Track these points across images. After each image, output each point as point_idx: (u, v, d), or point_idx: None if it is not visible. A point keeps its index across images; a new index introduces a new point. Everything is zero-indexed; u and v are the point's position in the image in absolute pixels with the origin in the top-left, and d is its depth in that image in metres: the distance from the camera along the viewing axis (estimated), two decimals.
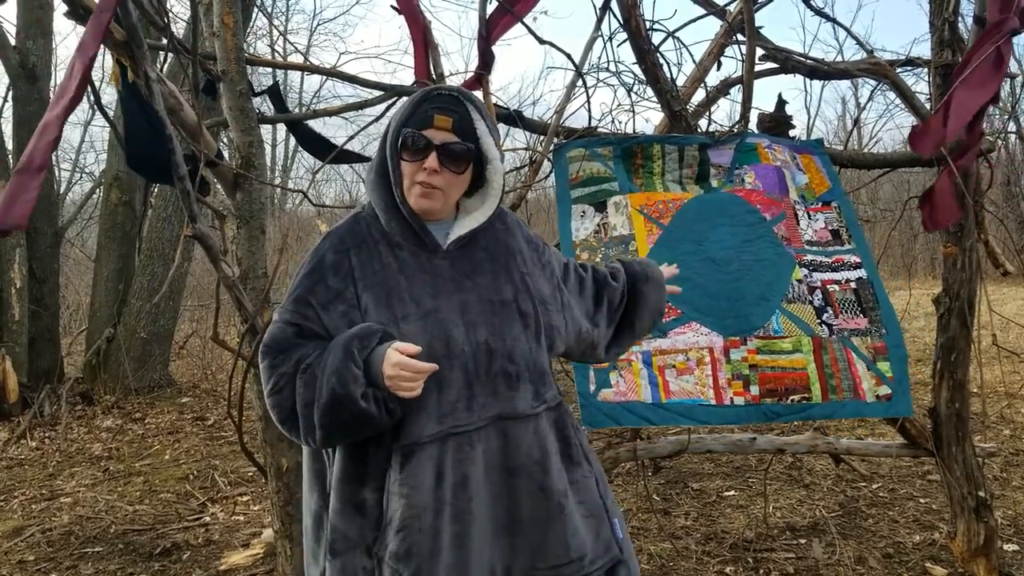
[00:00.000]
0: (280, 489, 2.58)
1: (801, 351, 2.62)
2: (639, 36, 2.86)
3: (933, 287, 4.15)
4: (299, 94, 20.57)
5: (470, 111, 1.55)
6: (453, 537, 1.44)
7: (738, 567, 3.25)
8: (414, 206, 1.54)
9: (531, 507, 1.50)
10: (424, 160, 1.51)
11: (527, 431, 1.53)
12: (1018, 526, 3.58)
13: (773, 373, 2.59)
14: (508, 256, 1.66)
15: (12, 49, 7.12)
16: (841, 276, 2.78)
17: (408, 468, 1.46)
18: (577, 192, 2.83)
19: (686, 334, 2.61)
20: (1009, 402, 5.84)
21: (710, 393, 2.56)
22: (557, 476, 1.54)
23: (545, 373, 1.62)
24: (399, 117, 1.55)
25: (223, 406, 6.85)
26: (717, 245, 2.68)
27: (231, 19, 2.61)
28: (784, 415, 2.60)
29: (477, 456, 1.48)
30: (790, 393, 2.58)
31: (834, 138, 20.65)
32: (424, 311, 1.50)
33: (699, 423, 2.59)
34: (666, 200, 2.79)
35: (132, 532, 4.02)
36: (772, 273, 2.68)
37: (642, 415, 2.54)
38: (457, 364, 1.49)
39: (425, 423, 1.47)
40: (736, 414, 2.57)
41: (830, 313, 2.70)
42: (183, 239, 2.40)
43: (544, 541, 1.50)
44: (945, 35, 2.93)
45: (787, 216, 2.83)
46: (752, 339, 2.61)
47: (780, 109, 3.14)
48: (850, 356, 2.66)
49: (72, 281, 11.93)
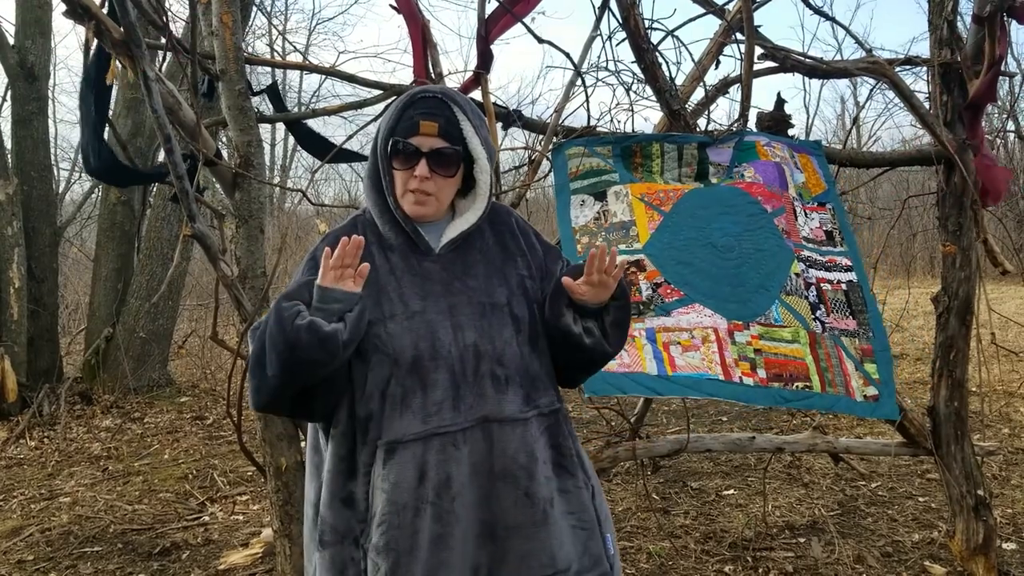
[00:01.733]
0: (279, 488, 2.58)
1: (799, 342, 2.62)
2: (638, 35, 2.85)
3: (932, 286, 4.15)
4: (298, 93, 20.58)
5: (455, 112, 1.56)
6: (435, 537, 1.45)
7: (737, 566, 3.25)
8: (409, 213, 1.58)
9: (515, 513, 1.50)
10: (414, 168, 1.54)
11: (514, 435, 1.52)
12: (1017, 524, 3.58)
13: (777, 359, 2.57)
14: (506, 259, 1.66)
15: (11, 48, 7.10)
16: (833, 276, 2.79)
17: (390, 465, 1.48)
18: (576, 184, 2.81)
19: (689, 314, 2.58)
20: (1008, 401, 5.85)
21: (717, 369, 2.51)
22: (543, 483, 1.53)
23: (538, 379, 1.60)
24: (387, 125, 1.58)
25: (222, 405, 6.84)
26: (719, 232, 2.67)
27: (229, 18, 2.60)
28: (792, 400, 2.57)
29: (463, 457, 1.49)
30: (794, 380, 2.57)
31: (833, 137, 20.69)
32: (411, 312, 1.53)
33: (706, 395, 2.53)
34: (667, 189, 2.77)
35: (131, 532, 4.02)
36: (772, 263, 2.67)
37: (648, 385, 2.49)
38: (443, 365, 1.50)
39: (409, 422, 1.48)
40: (746, 393, 2.52)
41: (823, 311, 2.71)
42: (182, 238, 2.40)
43: (529, 549, 1.49)
44: (944, 34, 2.93)
45: (787, 210, 2.83)
46: (754, 325, 2.59)
47: (779, 108, 3.14)
48: (841, 354, 2.67)
49: (71, 280, 11.92)
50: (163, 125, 2.20)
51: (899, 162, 3.33)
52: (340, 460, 1.53)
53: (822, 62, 3.11)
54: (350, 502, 1.51)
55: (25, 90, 7.15)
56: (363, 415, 1.51)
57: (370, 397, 1.51)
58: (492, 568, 1.49)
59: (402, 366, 1.50)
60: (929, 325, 8.42)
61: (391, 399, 1.49)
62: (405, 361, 1.50)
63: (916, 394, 6.05)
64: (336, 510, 1.52)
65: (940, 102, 2.98)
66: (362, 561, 1.50)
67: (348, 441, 1.52)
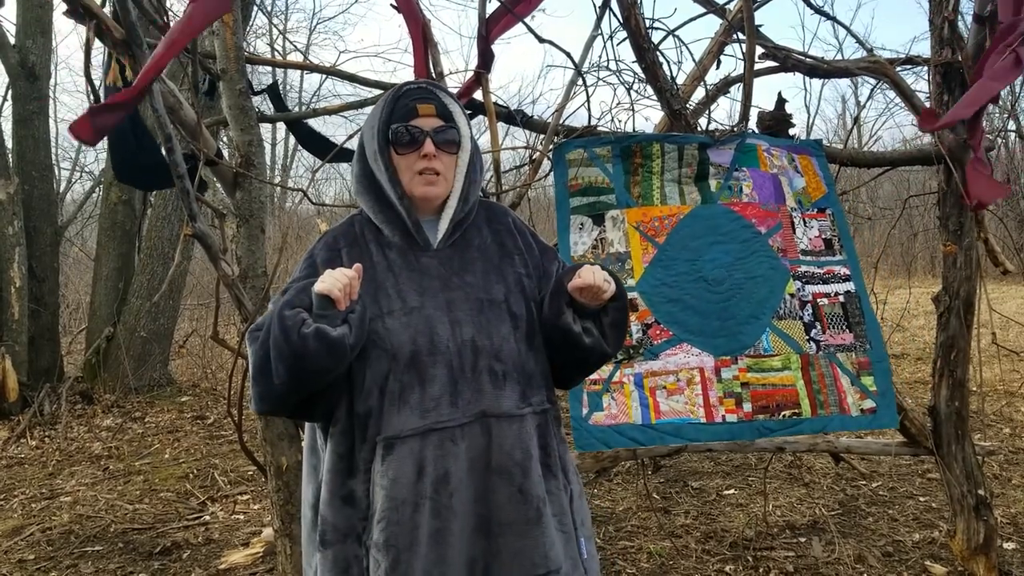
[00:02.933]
0: (280, 488, 2.58)
1: (790, 368, 2.70)
2: (639, 34, 2.85)
3: (933, 285, 4.15)
4: (299, 93, 20.58)
5: (442, 97, 1.62)
6: (433, 532, 1.46)
7: (738, 566, 3.25)
8: (420, 195, 1.59)
9: (509, 510, 1.50)
10: (420, 148, 1.56)
11: (511, 431, 1.53)
12: (1018, 524, 3.58)
13: (764, 390, 2.67)
14: (504, 256, 1.66)
15: (12, 48, 7.11)
16: (831, 289, 2.84)
17: (388, 461, 1.48)
18: (576, 201, 2.85)
19: (677, 355, 2.69)
20: (1008, 400, 5.85)
21: (700, 411, 2.64)
22: (537, 481, 1.53)
23: (534, 376, 1.60)
24: (380, 118, 1.60)
25: (223, 405, 6.85)
26: (711, 264, 2.74)
27: (230, 18, 2.61)
28: (776, 430, 2.69)
29: (460, 452, 1.49)
30: (781, 408, 2.67)
31: (834, 136, 20.68)
32: (409, 308, 1.53)
33: (688, 441, 2.67)
34: (662, 216, 2.82)
35: (132, 531, 4.02)
36: (765, 290, 2.75)
37: (631, 436, 2.63)
38: (441, 360, 1.51)
39: (407, 417, 1.49)
40: (729, 431, 2.66)
41: (818, 329, 2.77)
42: (183, 238, 2.41)
43: (522, 547, 1.49)
44: (945, 33, 2.92)
45: (783, 226, 2.87)
46: (743, 358, 2.69)
47: (780, 107, 3.14)
48: (836, 372, 2.74)
49: (72, 280, 11.92)
50: (164, 124, 2.20)
51: (900, 162, 3.33)
52: (340, 458, 1.53)
53: (823, 61, 3.11)
54: (351, 500, 1.52)
55: (26, 89, 7.15)
56: (362, 412, 1.52)
57: (368, 393, 1.51)
58: (487, 563, 1.49)
59: (400, 361, 1.50)
60: (930, 325, 8.42)
61: (389, 395, 1.50)
62: (403, 356, 1.50)
63: (917, 394, 6.05)
64: (337, 508, 1.52)
65: (941, 102, 2.98)
66: (364, 559, 1.50)
67: (347, 439, 1.53)
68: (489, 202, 1.84)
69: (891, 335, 7.94)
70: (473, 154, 1.66)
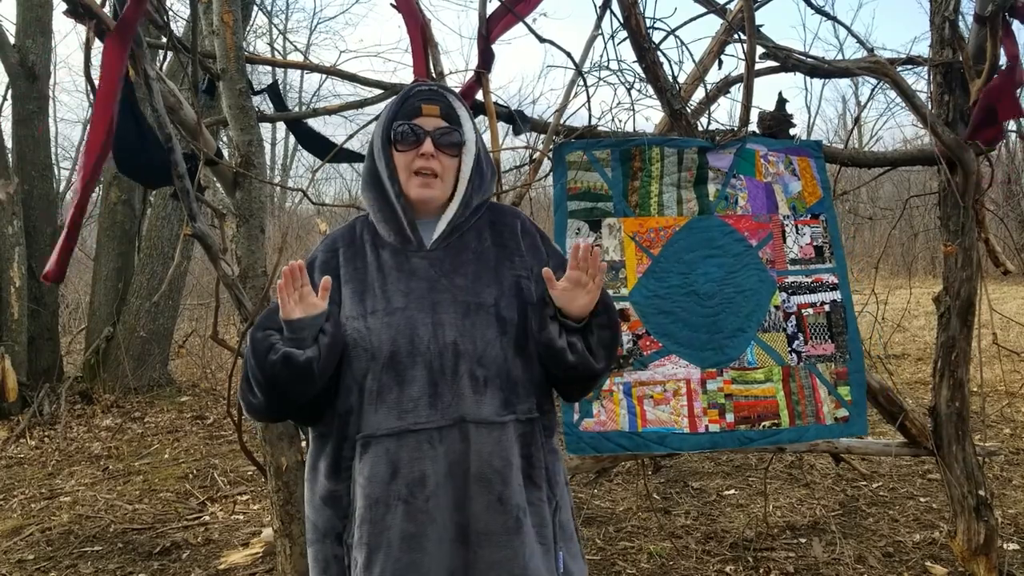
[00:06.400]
0: (279, 488, 2.58)
1: (772, 380, 2.81)
2: (639, 34, 2.85)
3: (933, 286, 4.15)
4: (299, 93, 20.60)
5: (451, 100, 1.62)
6: (407, 536, 1.44)
7: (738, 566, 3.25)
8: (415, 196, 1.58)
9: (487, 519, 1.46)
10: (420, 146, 1.57)
11: (490, 438, 1.49)
12: (1018, 525, 3.58)
13: (747, 402, 2.79)
14: (502, 259, 1.63)
15: (11, 48, 7.11)
16: (817, 298, 2.89)
17: (364, 459, 1.49)
18: (573, 204, 2.86)
19: (665, 366, 2.78)
20: (1009, 401, 5.85)
21: (684, 422, 2.76)
22: (517, 490, 1.50)
23: (520, 384, 1.55)
24: (387, 116, 1.61)
25: (222, 405, 6.85)
26: (703, 278, 2.81)
27: (230, 17, 2.60)
28: (756, 440, 2.80)
29: (438, 456, 1.47)
30: (762, 419, 2.79)
31: (834, 136, 20.69)
32: (392, 308, 1.53)
33: (671, 450, 2.80)
34: (658, 228, 2.85)
35: (131, 531, 4.02)
36: (752, 303, 2.83)
37: (617, 443, 2.74)
38: (421, 362, 1.50)
39: (384, 417, 1.49)
40: (711, 440, 2.77)
41: (801, 340, 2.85)
42: (182, 238, 2.40)
43: (499, 558, 1.46)
44: (945, 33, 2.92)
45: (774, 237, 2.91)
46: (728, 370, 2.80)
47: (780, 108, 3.13)
48: (815, 382, 2.84)
49: (71, 280, 11.92)
50: (164, 124, 2.19)
51: (900, 162, 3.33)
52: (319, 458, 1.55)
53: (824, 61, 3.11)
54: (330, 499, 1.53)
55: (26, 89, 7.16)
56: (343, 411, 1.52)
57: (349, 391, 1.52)
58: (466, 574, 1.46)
59: (379, 361, 1.50)
60: (930, 325, 8.42)
61: (368, 394, 1.50)
62: (382, 356, 1.50)
63: (917, 394, 6.04)
64: (318, 508, 1.54)
65: (941, 102, 2.98)
66: (345, 557, 1.51)
67: (329, 437, 1.54)
68: (500, 204, 1.82)
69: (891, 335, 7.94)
70: (480, 159, 1.64)
